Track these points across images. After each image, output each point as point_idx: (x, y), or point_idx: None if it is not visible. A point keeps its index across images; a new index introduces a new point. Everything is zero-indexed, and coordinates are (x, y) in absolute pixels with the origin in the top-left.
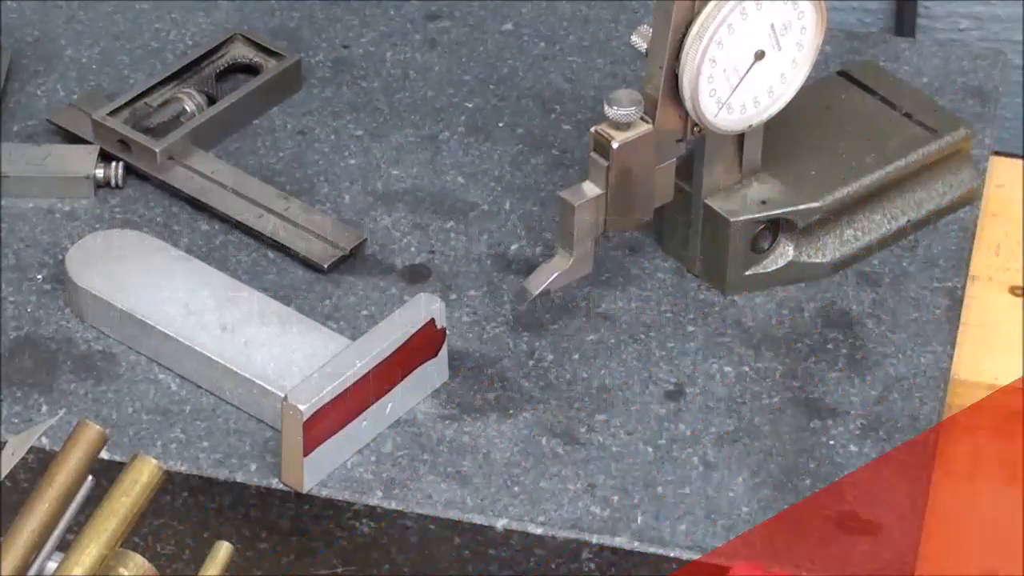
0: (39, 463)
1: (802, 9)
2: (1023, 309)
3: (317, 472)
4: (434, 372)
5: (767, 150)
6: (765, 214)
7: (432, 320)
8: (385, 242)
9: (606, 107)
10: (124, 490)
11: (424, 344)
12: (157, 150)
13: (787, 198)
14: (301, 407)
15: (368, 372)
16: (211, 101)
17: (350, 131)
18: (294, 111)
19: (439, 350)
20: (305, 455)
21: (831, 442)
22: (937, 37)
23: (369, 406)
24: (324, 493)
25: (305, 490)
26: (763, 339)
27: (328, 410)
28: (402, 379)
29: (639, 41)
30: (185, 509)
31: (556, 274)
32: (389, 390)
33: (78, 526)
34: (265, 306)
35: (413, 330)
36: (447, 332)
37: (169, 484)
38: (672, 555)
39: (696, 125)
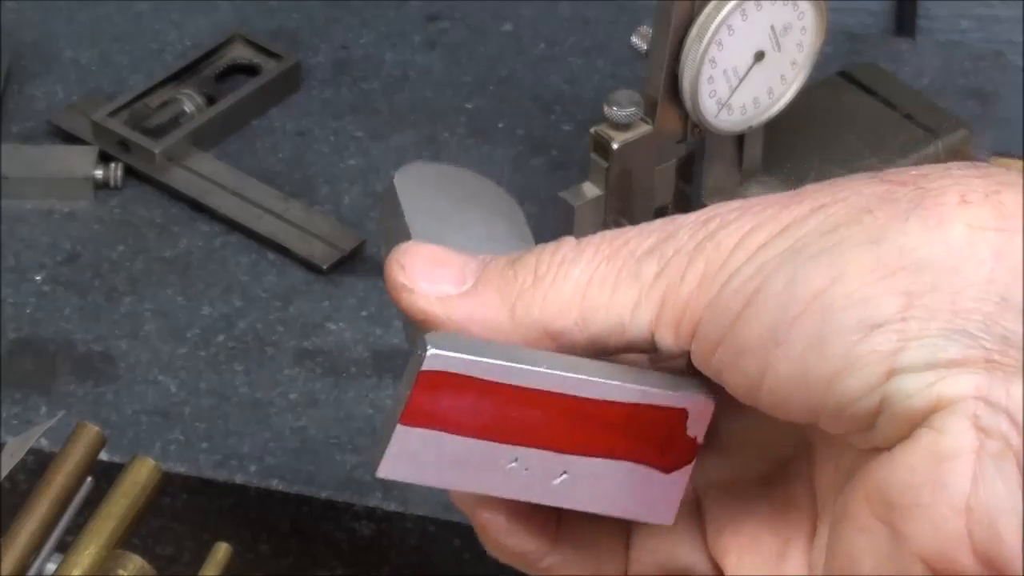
0: (38, 464)
1: (802, 10)
2: None
3: (401, 465)
4: (655, 496)
5: (767, 151)
6: None
7: (688, 413)
8: None
9: (606, 108)
10: (123, 491)
11: (663, 437)
12: (156, 151)
13: None
14: (431, 350)
15: (563, 393)
16: (211, 102)
17: (350, 132)
18: (294, 112)
19: (676, 466)
20: (401, 422)
21: None
22: (937, 38)
23: (528, 442)
24: (324, 494)
25: (376, 473)
26: None
27: (468, 386)
28: (603, 454)
29: (639, 42)
30: (184, 511)
31: None
32: (573, 452)
33: (77, 527)
34: None
35: (670, 403)
36: None
37: (168, 485)
38: None
39: (696, 126)
